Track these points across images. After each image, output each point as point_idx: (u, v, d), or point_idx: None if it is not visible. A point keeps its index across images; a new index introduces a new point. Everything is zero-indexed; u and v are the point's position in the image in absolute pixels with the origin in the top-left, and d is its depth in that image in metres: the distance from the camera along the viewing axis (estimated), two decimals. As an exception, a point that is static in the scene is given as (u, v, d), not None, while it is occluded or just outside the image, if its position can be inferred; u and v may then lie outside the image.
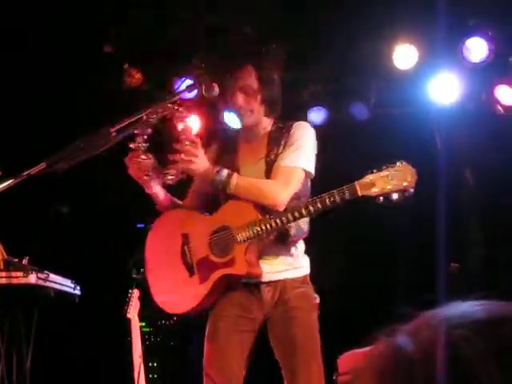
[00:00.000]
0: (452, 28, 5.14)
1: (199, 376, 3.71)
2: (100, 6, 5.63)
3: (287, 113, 3.97)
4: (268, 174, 3.69)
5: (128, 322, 5.09)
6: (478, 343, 0.70)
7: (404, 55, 5.44)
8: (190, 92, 3.75)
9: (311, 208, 3.49)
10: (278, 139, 3.76)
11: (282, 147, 3.72)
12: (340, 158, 5.40)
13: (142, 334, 5.35)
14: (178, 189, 3.91)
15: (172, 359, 6.61)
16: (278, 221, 3.55)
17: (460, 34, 5.36)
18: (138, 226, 7.09)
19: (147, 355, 5.54)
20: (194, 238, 3.78)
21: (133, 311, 5.10)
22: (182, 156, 3.61)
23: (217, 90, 3.57)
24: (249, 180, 3.69)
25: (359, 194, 3.43)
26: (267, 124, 3.84)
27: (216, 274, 3.67)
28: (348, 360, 3.30)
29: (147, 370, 5.34)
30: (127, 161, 3.73)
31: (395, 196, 3.40)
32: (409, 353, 0.73)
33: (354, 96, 5.46)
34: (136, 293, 5.23)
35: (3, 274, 4.45)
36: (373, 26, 5.45)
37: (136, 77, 5.92)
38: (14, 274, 4.46)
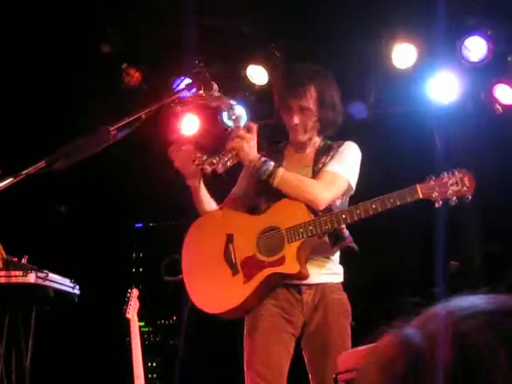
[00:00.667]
0: (451, 27, 5.14)
1: (198, 376, 3.71)
2: (97, 5, 5.63)
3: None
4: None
5: (127, 321, 5.09)
6: (487, 333, 0.70)
7: (403, 54, 5.44)
8: (189, 91, 3.75)
9: (369, 210, 3.54)
10: (327, 152, 3.82)
11: (329, 158, 3.79)
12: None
13: (142, 333, 5.35)
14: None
15: (172, 359, 6.61)
16: (332, 222, 3.57)
17: (459, 33, 5.35)
18: (137, 225, 7.11)
19: (147, 355, 5.54)
20: (239, 238, 3.75)
21: (132, 311, 5.10)
22: (236, 139, 3.67)
23: (216, 89, 3.56)
24: (294, 174, 3.73)
25: (420, 196, 3.53)
26: (317, 140, 3.90)
27: (263, 273, 3.64)
28: (348, 358, 3.29)
29: (147, 370, 5.33)
30: (172, 151, 3.76)
31: (454, 200, 3.55)
32: (416, 343, 0.72)
33: (353, 95, 5.45)
34: (135, 292, 5.23)
35: (2, 273, 4.44)
36: (372, 25, 5.45)
37: (135, 76, 5.92)
38: (13, 273, 4.45)
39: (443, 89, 5.50)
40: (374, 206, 3.53)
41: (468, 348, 0.69)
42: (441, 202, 3.55)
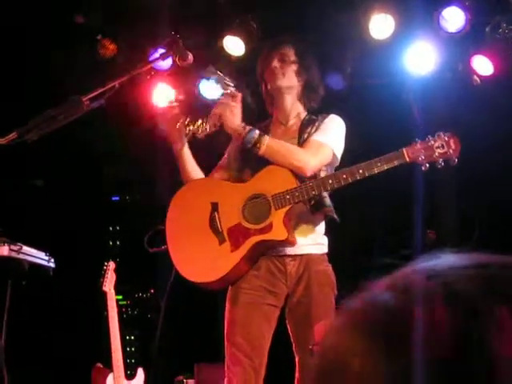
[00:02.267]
0: (429, -3, 5.11)
1: (177, 348, 3.70)
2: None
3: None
4: None
5: (104, 294, 5.07)
6: (472, 281, 0.68)
7: (380, 25, 5.40)
8: (163, 60, 3.71)
9: (356, 174, 3.53)
10: (312, 124, 3.83)
11: (314, 128, 3.80)
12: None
13: (119, 307, 5.34)
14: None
15: (149, 332, 6.60)
16: (319, 186, 3.56)
17: (437, 3, 5.32)
18: (113, 198, 7.07)
19: (124, 328, 5.53)
20: (224, 206, 3.73)
21: (109, 284, 5.09)
22: (220, 106, 3.67)
23: (191, 58, 3.53)
24: (281, 141, 3.73)
25: (407, 159, 3.55)
26: (300, 111, 3.91)
27: (251, 241, 3.63)
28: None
29: (124, 343, 5.32)
30: (160, 113, 3.75)
31: (440, 163, 3.57)
32: (397, 304, 0.69)
33: (330, 66, 5.42)
34: (112, 265, 5.21)
35: (-26, 246, 4.40)
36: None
37: (110, 48, 5.84)
38: (-15, 245, 4.41)
39: (421, 60, 5.47)
40: (360, 171, 3.53)
41: (456, 297, 0.66)
42: (427, 166, 3.57)
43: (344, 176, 3.55)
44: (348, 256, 5.51)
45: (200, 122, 3.69)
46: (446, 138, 3.59)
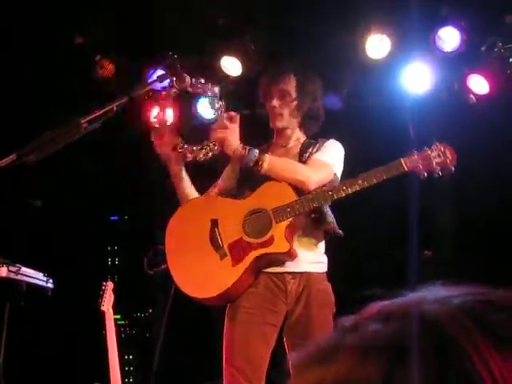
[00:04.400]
0: (425, 17, 5.14)
1: (176, 368, 3.69)
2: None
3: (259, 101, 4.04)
4: None
5: (102, 314, 5.06)
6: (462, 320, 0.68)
7: (376, 45, 5.43)
8: (161, 82, 3.73)
9: (356, 185, 3.57)
10: (313, 145, 3.87)
11: (316, 149, 3.83)
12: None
13: (118, 326, 5.33)
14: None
15: (148, 352, 6.60)
16: (318, 198, 3.59)
17: (432, 23, 5.36)
18: (112, 218, 7.08)
19: (123, 348, 5.52)
20: (224, 222, 3.72)
21: (107, 304, 5.07)
22: (220, 130, 3.67)
23: (188, 81, 3.55)
24: (282, 158, 3.77)
25: (406, 169, 3.60)
26: (300, 136, 3.94)
27: (252, 255, 3.62)
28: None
29: (123, 363, 5.31)
30: (154, 137, 3.75)
31: (438, 173, 3.65)
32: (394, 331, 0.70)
33: (327, 86, 5.45)
34: (110, 285, 5.20)
35: (-27, 267, 4.40)
36: (345, 16, 5.44)
37: (108, 68, 5.87)
38: (-16, 267, 4.41)
39: (417, 79, 5.51)
40: (360, 182, 3.56)
41: (443, 335, 0.67)
42: (426, 175, 3.63)
43: (344, 187, 3.58)
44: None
45: (200, 146, 3.69)
46: (442, 148, 3.67)
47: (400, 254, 4.54)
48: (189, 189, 3.85)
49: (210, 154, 3.69)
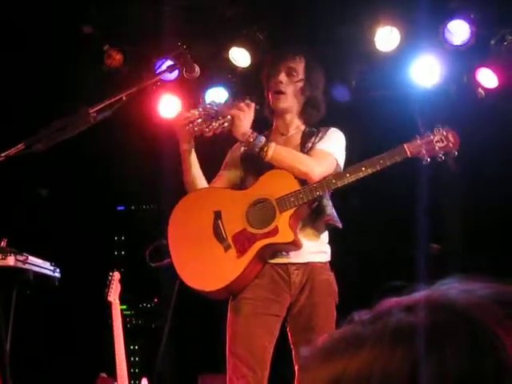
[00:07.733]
0: (434, 10, 5.12)
1: (182, 358, 3.70)
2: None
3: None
4: None
5: (109, 304, 5.07)
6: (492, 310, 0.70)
7: (386, 37, 5.42)
8: (170, 73, 3.73)
9: (359, 172, 3.56)
10: (314, 135, 3.85)
11: (318, 139, 3.81)
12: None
13: (124, 316, 5.34)
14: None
15: (154, 342, 6.61)
16: (322, 186, 3.58)
17: (442, 16, 5.34)
18: (119, 208, 7.08)
19: (129, 338, 5.53)
20: (227, 214, 3.71)
21: (114, 294, 5.09)
22: (235, 108, 3.68)
23: (197, 70, 3.55)
24: (287, 148, 3.75)
25: (408, 154, 3.59)
26: (299, 124, 3.93)
27: (257, 245, 3.61)
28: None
29: (129, 353, 5.32)
30: (178, 116, 3.79)
31: (441, 157, 3.63)
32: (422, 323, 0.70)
33: (336, 79, 5.43)
34: (117, 275, 5.21)
35: (-19, 256, 4.41)
36: (354, 9, 5.43)
37: (116, 58, 5.87)
38: (-9, 256, 4.41)
39: (426, 72, 5.49)
40: (363, 168, 3.55)
41: (473, 323, 0.68)
42: (428, 160, 3.62)
43: (347, 174, 3.57)
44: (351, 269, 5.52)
45: (210, 121, 3.69)
46: (445, 133, 3.65)
47: (408, 248, 4.54)
48: (195, 173, 3.82)
49: (219, 129, 3.67)
